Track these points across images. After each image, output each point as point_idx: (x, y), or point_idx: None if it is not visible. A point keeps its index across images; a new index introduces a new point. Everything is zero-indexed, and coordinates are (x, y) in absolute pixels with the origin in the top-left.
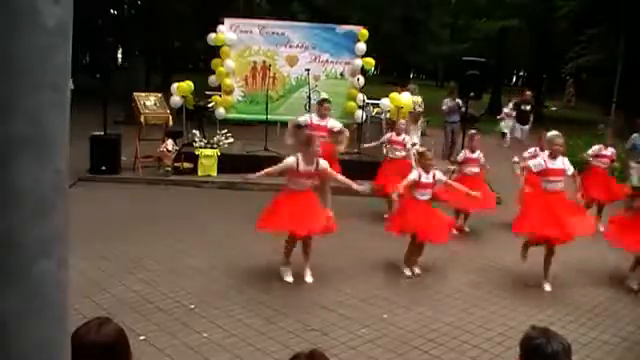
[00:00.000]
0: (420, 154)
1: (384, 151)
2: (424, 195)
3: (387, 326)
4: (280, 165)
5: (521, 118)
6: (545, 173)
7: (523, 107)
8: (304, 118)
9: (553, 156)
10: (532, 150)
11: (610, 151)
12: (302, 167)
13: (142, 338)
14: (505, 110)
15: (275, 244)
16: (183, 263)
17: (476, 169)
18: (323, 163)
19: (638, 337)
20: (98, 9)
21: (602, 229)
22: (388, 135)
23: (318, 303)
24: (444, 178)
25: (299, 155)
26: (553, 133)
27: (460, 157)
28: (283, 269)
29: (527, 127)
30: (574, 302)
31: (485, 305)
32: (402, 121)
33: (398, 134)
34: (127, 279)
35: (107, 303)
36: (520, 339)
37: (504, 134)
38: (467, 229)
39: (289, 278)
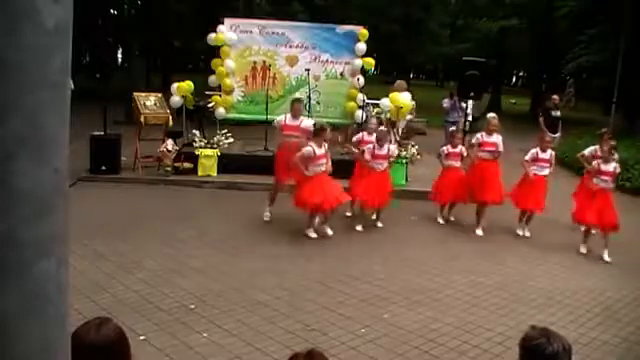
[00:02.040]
0: (378, 131)
1: (354, 151)
2: (380, 165)
3: (387, 326)
4: (303, 155)
5: (550, 126)
6: (481, 145)
7: (553, 113)
8: (279, 118)
9: (489, 133)
10: (534, 152)
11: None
12: (318, 152)
13: (142, 338)
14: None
15: (274, 244)
16: (183, 263)
17: (457, 163)
18: (326, 145)
19: (638, 337)
20: (98, 9)
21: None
22: (359, 135)
23: (318, 303)
24: (397, 152)
25: (312, 144)
26: (491, 115)
27: (443, 151)
28: (308, 230)
29: (558, 135)
30: (574, 302)
31: (485, 305)
32: (373, 120)
33: (370, 134)
34: (127, 279)
35: (107, 303)
36: (520, 339)
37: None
38: (452, 218)
39: (314, 234)
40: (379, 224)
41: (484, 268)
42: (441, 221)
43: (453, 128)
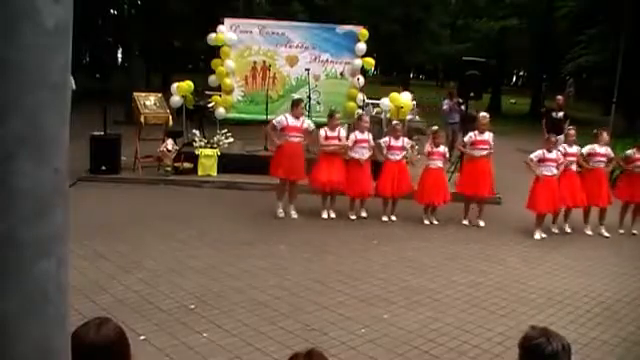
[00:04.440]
0: (393, 125)
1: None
2: (395, 155)
3: (387, 326)
4: (319, 136)
5: (552, 127)
6: (474, 143)
7: (554, 115)
8: (279, 119)
9: (481, 131)
10: (540, 153)
11: (604, 149)
12: (329, 134)
13: (142, 338)
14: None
15: (274, 243)
16: (183, 263)
17: (439, 163)
18: (340, 129)
19: (638, 337)
20: (98, 9)
21: (606, 234)
22: (352, 137)
23: (318, 303)
24: (408, 145)
25: (325, 128)
26: (481, 114)
27: (426, 150)
28: (323, 211)
29: (561, 136)
30: (574, 302)
31: (485, 305)
32: (366, 119)
33: (362, 132)
34: (127, 279)
35: (107, 303)
36: (520, 339)
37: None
38: (435, 222)
39: (325, 214)
40: (393, 217)
41: (484, 268)
42: (427, 222)
43: (435, 127)
